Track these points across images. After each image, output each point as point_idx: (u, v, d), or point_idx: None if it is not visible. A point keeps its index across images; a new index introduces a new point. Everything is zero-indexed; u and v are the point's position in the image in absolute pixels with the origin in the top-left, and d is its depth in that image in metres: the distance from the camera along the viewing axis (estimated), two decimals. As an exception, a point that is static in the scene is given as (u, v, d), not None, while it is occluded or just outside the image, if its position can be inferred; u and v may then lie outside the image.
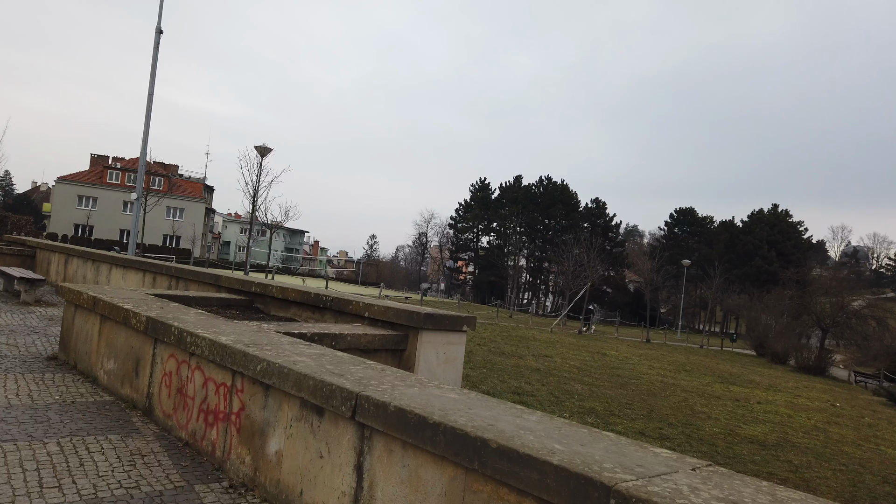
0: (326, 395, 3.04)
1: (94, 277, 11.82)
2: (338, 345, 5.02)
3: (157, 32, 17.85)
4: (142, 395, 4.88)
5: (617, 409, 8.60)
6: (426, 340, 5.31)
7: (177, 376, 4.45)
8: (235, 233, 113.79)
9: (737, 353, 34.64)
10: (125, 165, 77.41)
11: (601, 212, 79.42)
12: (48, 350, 6.91)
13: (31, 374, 5.74)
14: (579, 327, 32.67)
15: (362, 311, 5.86)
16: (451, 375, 5.51)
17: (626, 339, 34.11)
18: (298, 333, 4.83)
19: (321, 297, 6.35)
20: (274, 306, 7.16)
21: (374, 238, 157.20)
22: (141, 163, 17.68)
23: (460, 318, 5.52)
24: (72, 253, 12.82)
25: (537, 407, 7.73)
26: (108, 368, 5.47)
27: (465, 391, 3.13)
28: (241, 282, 7.63)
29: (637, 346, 28.62)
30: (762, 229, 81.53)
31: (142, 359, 4.96)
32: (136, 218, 17.73)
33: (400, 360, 5.45)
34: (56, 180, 72.81)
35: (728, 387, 14.46)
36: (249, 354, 3.62)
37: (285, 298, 6.87)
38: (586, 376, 11.79)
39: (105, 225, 71.47)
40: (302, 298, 6.61)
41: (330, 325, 5.42)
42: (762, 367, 26.76)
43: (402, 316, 5.41)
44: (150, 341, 4.87)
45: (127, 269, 10.63)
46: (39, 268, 14.70)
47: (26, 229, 32.27)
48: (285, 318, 6.83)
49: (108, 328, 5.56)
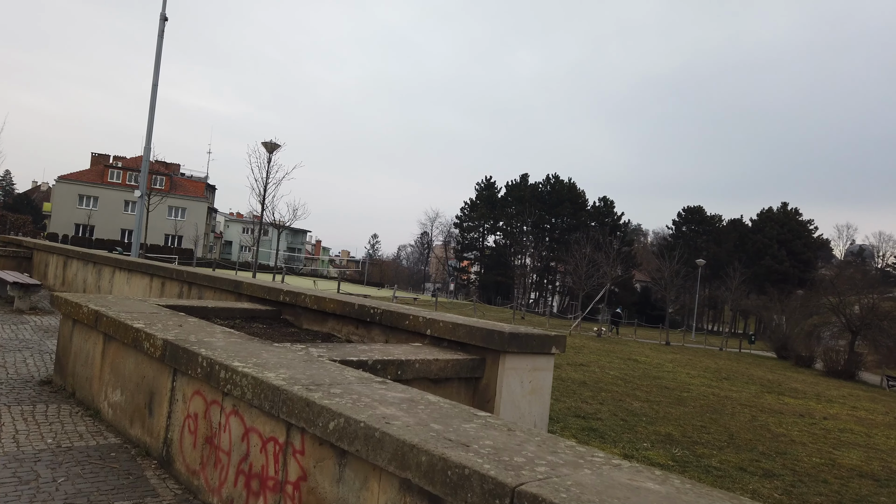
0: (454, 482, 1.98)
1: (95, 282, 10.77)
2: (404, 374, 3.97)
3: (161, 20, 16.81)
4: (157, 439, 3.83)
5: (695, 435, 7.56)
6: (510, 366, 4.26)
7: (205, 421, 3.40)
8: (238, 232, 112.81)
9: (758, 356, 33.58)
10: (126, 164, 76.40)
11: (609, 210, 78.31)
12: (42, 371, 5.87)
13: (20, 406, 4.69)
14: (598, 329, 31.61)
15: (422, 328, 4.81)
16: (537, 410, 4.45)
17: (644, 341, 33.06)
18: (358, 361, 3.78)
19: (367, 310, 5.30)
20: (307, 319, 6.10)
21: (377, 237, 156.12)
22: (145, 159, 16.64)
23: (549, 338, 4.46)
24: (71, 255, 11.78)
25: (611, 435, 6.69)
26: (113, 400, 4.42)
27: (665, 475, 2.07)
28: (267, 289, 6.58)
29: (659, 349, 27.57)
30: (772, 228, 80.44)
31: (157, 392, 3.91)
32: (140, 217, 16.69)
33: (475, 391, 4.40)
34: (56, 179, 71.81)
35: (779, 398, 13.44)
36: (315, 404, 2.57)
37: (321, 310, 5.81)
38: (636, 390, 10.77)
39: (106, 225, 70.49)
40: (343, 310, 5.56)
41: (389, 349, 4.37)
42: (791, 372, 25.71)
43: (478, 335, 4.35)
44: (167, 371, 3.82)
45: (132, 272, 9.58)
46: (36, 271, 13.66)
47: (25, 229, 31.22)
48: (322, 333, 5.78)
49: (114, 350, 4.51)
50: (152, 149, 16.91)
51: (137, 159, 78.32)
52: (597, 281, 41.44)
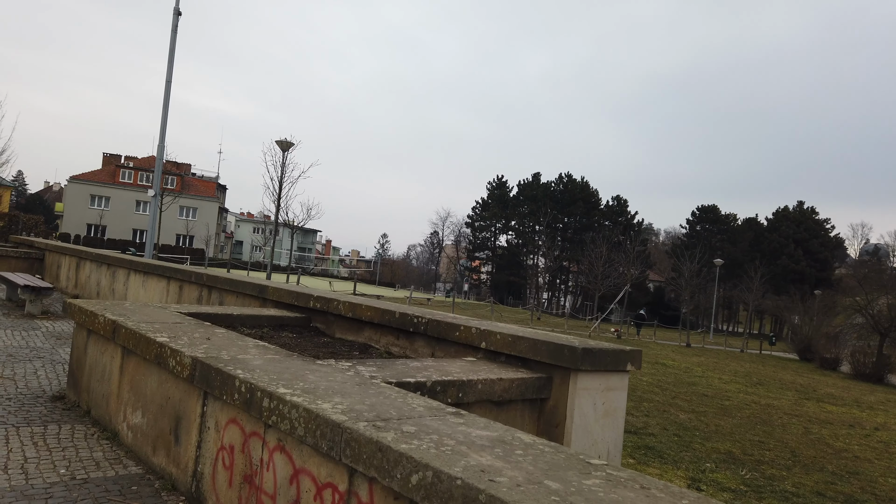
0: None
1: (109, 285, 10.33)
2: (465, 396, 3.46)
3: (174, 14, 16.39)
4: (185, 471, 3.34)
5: (756, 452, 7.01)
6: (582, 386, 3.74)
7: (243, 455, 2.91)
8: (248, 232, 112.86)
9: (781, 358, 32.83)
10: (138, 164, 76.46)
11: (622, 209, 77.48)
12: (54, 385, 5.41)
13: (30, 427, 4.22)
14: (616, 330, 30.99)
15: (475, 340, 4.30)
16: (611, 435, 3.93)
17: (664, 342, 32.40)
18: (416, 383, 3.28)
19: (410, 319, 4.79)
20: (340, 327, 5.61)
21: (386, 237, 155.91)
22: (158, 157, 16.22)
23: (624, 354, 3.94)
24: (84, 256, 11.36)
25: (670, 455, 6.15)
26: (133, 422, 3.94)
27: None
28: (295, 294, 6.09)
29: (682, 351, 26.93)
30: (788, 227, 79.35)
31: (184, 417, 3.43)
32: (154, 216, 16.28)
33: (540, 414, 3.88)
34: (68, 180, 71.92)
35: (819, 405, 12.84)
36: (390, 450, 2.07)
37: (357, 318, 5.31)
38: (676, 398, 10.24)
39: (118, 225, 70.54)
40: (382, 319, 5.06)
41: (444, 366, 3.85)
42: (817, 375, 25.01)
43: (543, 350, 3.84)
44: (196, 394, 3.33)
45: (148, 275, 9.13)
46: (48, 272, 13.27)
47: (37, 229, 31.01)
48: (358, 343, 5.28)
49: (134, 366, 4.03)
50: (164, 148, 16.49)
51: (149, 159, 78.39)
52: (613, 281, 40.82)
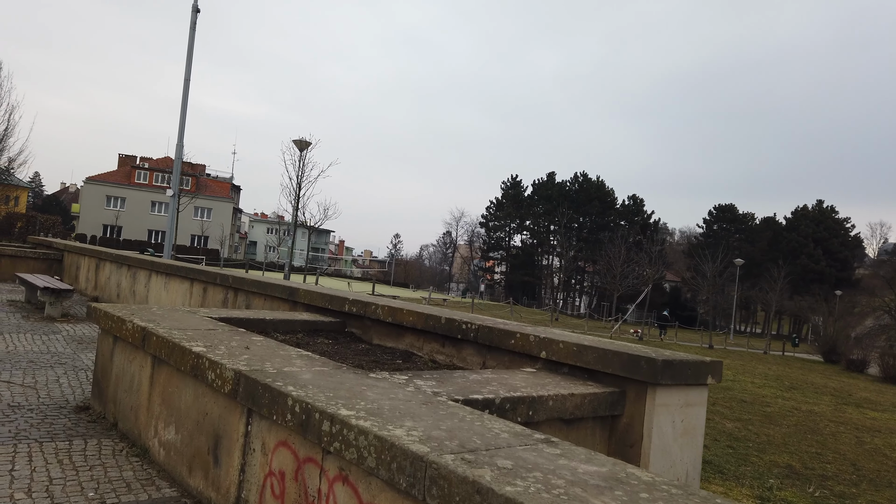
0: None
1: (129, 287, 10.08)
2: (536, 414, 3.11)
3: (193, 11, 16.17)
4: (226, 496, 3.01)
5: (816, 466, 6.61)
6: (662, 402, 3.37)
7: (296, 484, 2.57)
8: (262, 233, 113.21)
9: (805, 360, 32.15)
10: (153, 165, 76.79)
11: (638, 209, 76.71)
12: (78, 394, 5.11)
13: (54, 443, 3.91)
14: (637, 331, 30.47)
15: (533, 349, 3.94)
16: (689, 456, 3.56)
17: (684, 343, 31.83)
18: (483, 401, 2.92)
19: (458, 325, 4.44)
20: (378, 333, 5.27)
21: (398, 237, 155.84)
22: (177, 156, 16.00)
23: (704, 366, 3.56)
24: (104, 257, 11.12)
25: (730, 469, 5.75)
26: (166, 439, 3.62)
27: None
28: (329, 298, 5.76)
29: (705, 353, 26.39)
30: (807, 226, 78.17)
31: (224, 436, 3.10)
32: (172, 217, 16.06)
33: (612, 432, 3.51)
34: (84, 180, 72.38)
35: (860, 411, 12.35)
36: (493, 493, 1.71)
37: (398, 323, 4.97)
38: (715, 405, 9.80)
39: (133, 225, 70.85)
40: (425, 325, 4.71)
41: (505, 378, 3.49)
42: (845, 377, 24.39)
43: (615, 362, 3.47)
44: (238, 411, 3.00)
45: (170, 276, 8.85)
46: (67, 273, 13.07)
47: (54, 230, 31.07)
48: (399, 350, 4.94)
49: (166, 376, 3.71)
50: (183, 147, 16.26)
51: (163, 160, 78.73)
52: (631, 282, 40.28)
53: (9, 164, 31.12)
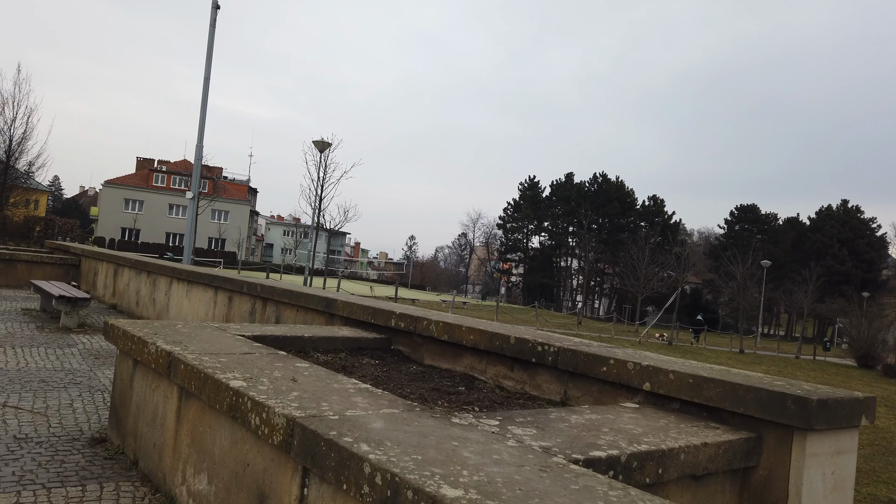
0: None
1: (149, 294, 9.54)
2: (666, 472, 2.45)
3: (213, 8, 15.69)
4: (275, 575, 2.38)
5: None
6: (812, 451, 2.70)
7: (376, 578, 1.93)
8: (279, 235, 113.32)
9: (839, 365, 31.10)
10: (171, 168, 76.96)
11: (659, 210, 75.52)
12: (93, 421, 4.53)
13: (64, 488, 3.32)
14: (667, 336, 29.59)
15: (633, 379, 3.27)
16: (841, 514, 2.88)
17: (714, 348, 30.92)
18: (607, 459, 2.27)
19: (531, 346, 3.79)
20: (431, 352, 4.64)
21: (413, 239, 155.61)
22: (197, 157, 15.51)
23: (858, 404, 2.89)
24: (122, 262, 10.61)
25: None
26: (196, 489, 3.01)
27: None
28: (371, 311, 5.14)
29: (738, 359, 25.52)
30: (832, 227, 76.57)
31: (271, 496, 2.47)
32: (192, 219, 15.57)
33: (744, 487, 2.84)
34: (103, 184, 72.63)
35: (924, 425, 11.55)
36: None
37: (456, 342, 4.33)
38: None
39: (151, 228, 70.99)
40: (490, 345, 4.07)
41: (610, 419, 2.84)
42: (885, 384, 23.40)
43: (749, 399, 2.80)
44: (291, 467, 2.37)
45: (193, 284, 8.29)
46: (85, 279, 12.60)
47: (72, 233, 30.85)
48: (458, 373, 4.30)
49: (197, 412, 3.10)
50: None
51: (181, 163, 78.91)
52: (655, 284, 39.35)
53: (28, 168, 30.98)
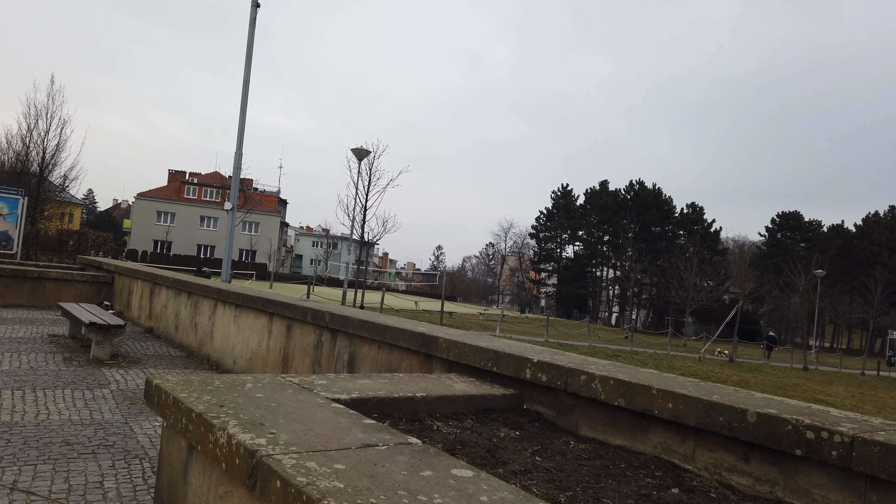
0: None
1: (190, 318, 8.40)
2: None
3: (253, 7, 14.70)
4: None
5: None
6: None
7: None
8: (308, 246, 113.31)
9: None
10: (202, 180, 77.16)
11: (698, 217, 73.15)
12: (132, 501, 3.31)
13: None
14: (725, 353, 27.81)
15: None
16: None
17: (777, 364, 29.00)
18: None
19: (792, 429, 2.46)
20: (590, 419, 3.33)
21: (441, 249, 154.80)
22: (235, 166, 14.49)
23: None
24: (159, 281, 9.52)
25: None
26: None
27: None
28: (492, 355, 3.85)
29: (806, 376, 23.68)
30: (880, 234, 73.41)
31: None
32: (230, 231, 14.54)
33: None
34: (136, 196, 72.97)
35: None
36: None
37: (642, 410, 3.02)
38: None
39: (183, 240, 70.99)
40: (706, 419, 2.74)
41: None
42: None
43: None
44: None
45: (242, 309, 7.12)
46: (118, 298, 11.57)
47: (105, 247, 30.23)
48: (646, 456, 2.98)
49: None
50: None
51: (212, 175, 79.07)
52: (705, 296, 37.48)
53: (63, 181, 30.55)
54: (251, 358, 6.81)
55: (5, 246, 19.39)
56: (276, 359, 6.34)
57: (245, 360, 6.92)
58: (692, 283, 36.56)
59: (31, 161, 27.55)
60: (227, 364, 7.31)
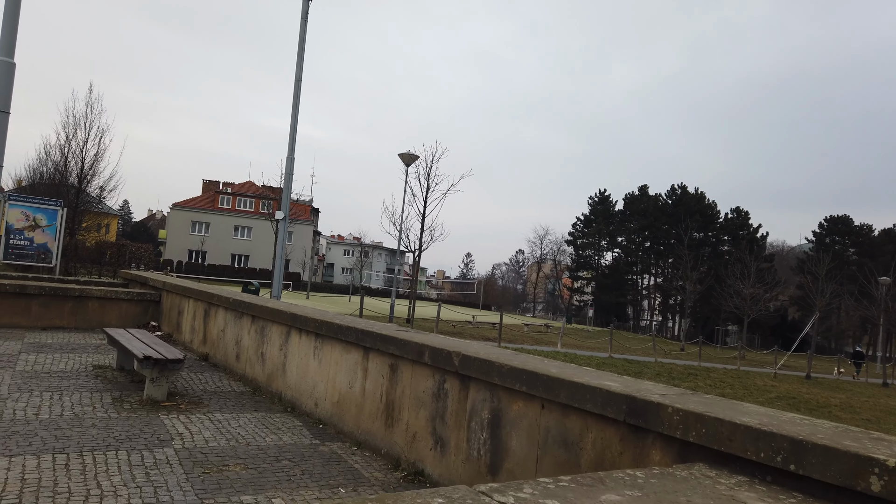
0: None
1: (255, 347, 7.18)
2: None
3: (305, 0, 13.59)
4: None
5: None
6: None
7: None
8: (339, 255, 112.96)
9: None
10: (235, 190, 77.10)
11: (744, 223, 70.53)
12: None
13: None
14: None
15: None
16: None
17: (847, 378, 26.94)
18: None
19: None
20: None
21: (470, 256, 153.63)
22: (288, 170, 13.34)
23: None
24: (216, 302, 8.33)
25: None
26: None
27: None
28: (789, 444, 2.46)
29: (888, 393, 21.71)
30: (937, 238, 69.88)
31: None
32: (282, 242, 13.39)
33: None
34: (171, 207, 73.09)
35: None
36: None
37: None
38: None
39: (217, 250, 70.82)
40: None
41: None
42: None
43: None
44: None
45: (323, 340, 5.85)
46: (166, 319, 10.45)
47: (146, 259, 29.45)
48: None
49: None
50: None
51: (246, 184, 78.97)
52: (764, 305, 35.44)
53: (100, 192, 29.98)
54: (339, 402, 5.53)
55: (44, 259, 18.61)
56: (376, 407, 5.04)
57: (331, 404, 5.64)
58: (750, 293, 34.52)
59: (70, 171, 26.97)
60: (306, 406, 6.04)
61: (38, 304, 9.95)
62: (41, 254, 18.64)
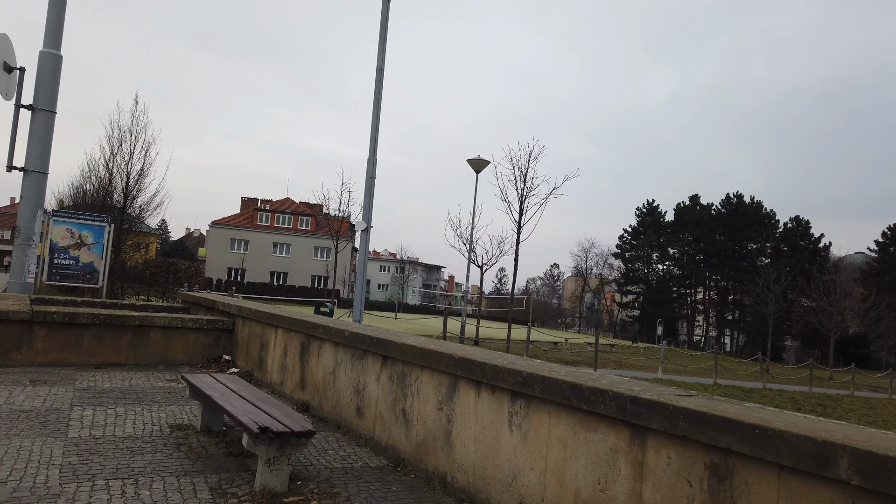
0: None
1: (390, 401, 5.17)
2: None
3: (388, -23, 11.76)
4: None
5: None
6: None
7: None
8: (375, 271, 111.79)
9: None
10: (274, 207, 76.35)
11: (804, 232, 66.83)
12: None
13: None
14: None
15: None
16: None
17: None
18: None
19: None
20: None
21: (503, 271, 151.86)
22: (368, 176, 11.45)
23: None
24: (319, 335, 6.36)
25: None
26: None
27: None
28: None
29: None
30: None
31: None
32: (363, 256, 11.49)
33: None
34: (210, 225, 72.52)
35: None
36: None
37: None
38: None
39: (256, 267, 69.87)
40: None
41: None
42: None
43: None
44: None
45: (530, 402, 3.80)
46: (242, 352, 8.56)
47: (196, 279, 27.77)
48: None
49: None
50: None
51: (284, 201, 78.12)
52: (850, 321, 32.43)
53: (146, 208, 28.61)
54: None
55: (90, 279, 17.05)
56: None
57: (557, 510, 3.56)
58: (837, 309, 31.55)
59: (115, 187, 25.65)
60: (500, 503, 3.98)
61: (91, 336, 8.15)
62: (87, 273, 17.10)
